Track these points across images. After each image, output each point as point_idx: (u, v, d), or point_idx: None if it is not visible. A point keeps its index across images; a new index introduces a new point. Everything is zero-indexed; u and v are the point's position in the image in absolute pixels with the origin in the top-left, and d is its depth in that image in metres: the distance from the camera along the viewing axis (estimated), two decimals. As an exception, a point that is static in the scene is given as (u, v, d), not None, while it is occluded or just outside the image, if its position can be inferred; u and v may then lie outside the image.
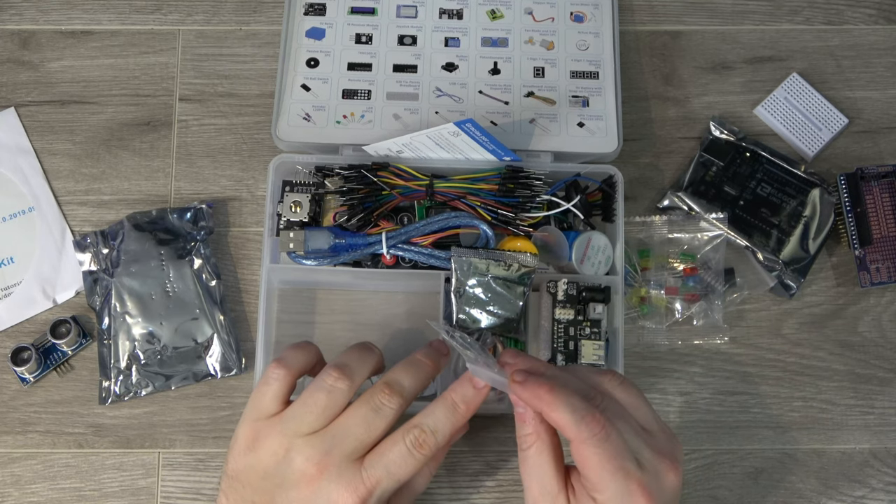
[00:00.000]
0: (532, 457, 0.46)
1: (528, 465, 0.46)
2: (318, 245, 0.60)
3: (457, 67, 0.68)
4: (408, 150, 0.62)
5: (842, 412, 0.63)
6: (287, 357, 0.50)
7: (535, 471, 0.46)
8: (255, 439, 0.47)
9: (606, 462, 0.43)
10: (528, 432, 0.46)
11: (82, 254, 0.64)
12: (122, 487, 0.61)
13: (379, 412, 0.46)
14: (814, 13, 0.72)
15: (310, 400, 0.47)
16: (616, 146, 0.65)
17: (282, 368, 0.49)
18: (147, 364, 0.61)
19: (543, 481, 0.46)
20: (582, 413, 0.44)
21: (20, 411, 0.62)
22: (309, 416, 0.47)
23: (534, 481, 0.46)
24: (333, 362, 0.49)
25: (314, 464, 0.45)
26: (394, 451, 0.46)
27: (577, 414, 0.44)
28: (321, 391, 0.47)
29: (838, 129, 0.68)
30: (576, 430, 0.44)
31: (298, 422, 0.47)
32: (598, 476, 0.43)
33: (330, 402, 0.47)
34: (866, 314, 0.65)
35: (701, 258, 0.63)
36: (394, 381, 0.48)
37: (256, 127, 0.68)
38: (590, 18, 0.70)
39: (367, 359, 0.50)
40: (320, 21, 0.70)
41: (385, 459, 0.46)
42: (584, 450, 0.44)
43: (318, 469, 0.45)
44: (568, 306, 0.59)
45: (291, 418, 0.47)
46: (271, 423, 0.47)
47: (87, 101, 0.69)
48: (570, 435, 0.44)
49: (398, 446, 0.46)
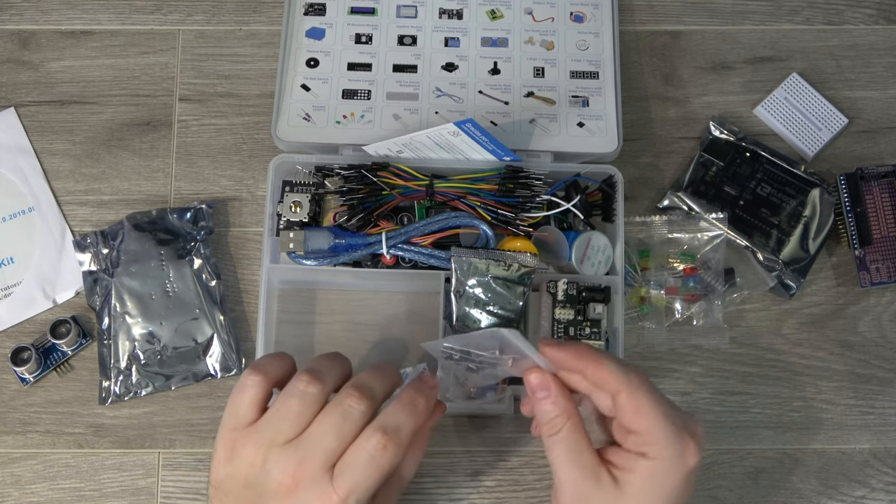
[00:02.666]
0: (565, 438, 0.46)
1: (561, 449, 0.46)
2: (318, 245, 0.60)
3: (457, 67, 0.68)
4: (408, 150, 0.62)
5: (842, 412, 0.63)
6: (262, 364, 0.49)
7: (572, 452, 0.46)
8: (232, 449, 0.47)
9: (659, 408, 0.45)
10: (556, 414, 0.46)
11: (82, 254, 0.64)
12: (122, 487, 0.61)
13: (348, 417, 0.46)
14: (814, 13, 0.72)
15: (283, 407, 0.47)
16: (616, 146, 0.65)
17: (258, 375, 0.48)
18: (147, 364, 0.61)
19: (582, 460, 0.46)
20: (626, 366, 0.46)
21: (20, 411, 0.62)
22: (283, 422, 0.46)
23: (570, 465, 0.46)
24: (304, 368, 0.49)
25: (289, 475, 0.45)
26: (360, 459, 0.46)
27: (622, 365, 0.46)
28: (293, 397, 0.47)
29: (838, 129, 0.68)
30: (626, 379, 0.45)
31: (273, 430, 0.46)
32: (653, 424, 0.44)
33: (303, 407, 0.46)
34: (866, 314, 0.65)
35: (701, 258, 0.63)
36: (361, 384, 0.47)
37: (256, 127, 0.68)
38: (590, 18, 0.70)
39: (336, 364, 0.50)
40: (320, 21, 0.70)
41: (351, 468, 0.45)
42: (637, 398, 0.45)
43: (294, 480, 0.45)
44: (568, 306, 0.59)
45: (266, 427, 0.47)
46: (248, 432, 0.47)
47: (87, 101, 0.69)
48: (619, 385, 0.45)
49: (361, 453, 0.46)
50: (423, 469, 0.61)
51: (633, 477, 0.45)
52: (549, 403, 0.47)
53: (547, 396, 0.47)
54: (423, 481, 0.61)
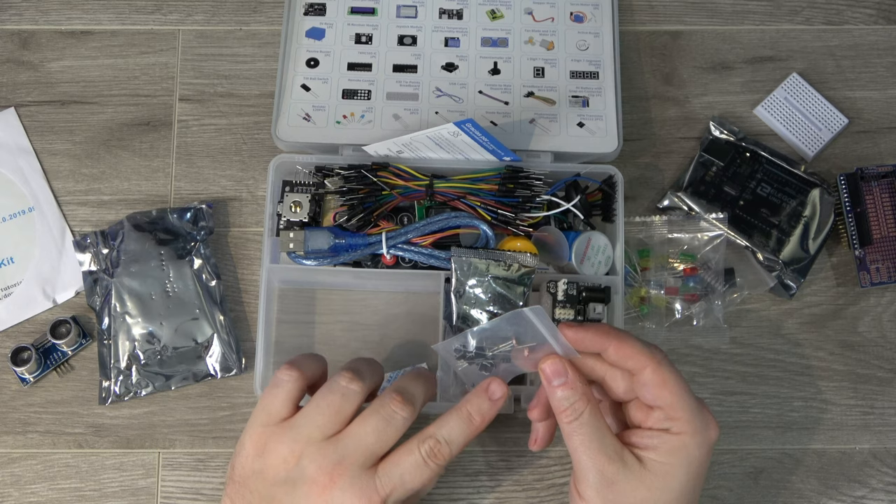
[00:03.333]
0: (587, 423, 0.46)
1: (584, 433, 0.46)
2: (318, 245, 0.60)
3: (457, 67, 0.68)
4: (408, 151, 0.62)
5: (842, 412, 0.63)
6: (298, 361, 0.50)
7: (595, 436, 0.46)
8: (264, 445, 0.47)
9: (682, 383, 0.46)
10: (575, 399, 0.46)
11: (82, 254, 0.64)
12: (122, 487, 0.61)
13: (391, 421, 0.46)
14: (814, 13, 0.72)
15: (322, 402, 0.47)
16: (616, 146, 0.65)
17: (294, 371, 0.48)
18: (147, 364, 0.61)
19: (606, 444, 0.46)
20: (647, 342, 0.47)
21: (20, 411, 0.62)
22: (321, 418, 0.46)
23: (594, 449, 0.45)
24: (345, 367, 0.49)
25: (326, 473, 0.45)
26: (408, 461, 0.46)
27: (645, 342, 0.47)
28: (334, 393, 0.47)
29: (838, 129, 0.68)
30: (650, 354, 0.46)
31: (311, 426, 0.46)
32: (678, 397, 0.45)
33: (344, 404, 0.46)
34: (866, 314, 0.65)
35: (701, 258, 0.63)
36: (404, 390, 0.47)
37: (256, 127, 0.68)
38: (590, 18, 0.70)
39: (374, 367, 0.50)
40: (320, 21, 0.70)
41: (399, 469, 0.46)
42: (662, 371, 0.45)
43: (330, 478, 0.45)
44: (568, 306, 0.59)
45: (304, 422, 0.47)
46: (282, 428, 0.47)
47: (87, 101, 0.69)
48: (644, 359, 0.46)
49: (413, 456, 0.46)
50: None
51: (658, 454, 0.45)
52: (568, 388, 0.47)
53: (564, 382, 0.47)
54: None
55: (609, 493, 0.45)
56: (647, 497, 0.45)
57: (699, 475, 0.46)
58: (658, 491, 0.45)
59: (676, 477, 0.45)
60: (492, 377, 0.49)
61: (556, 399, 0.47)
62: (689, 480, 0.46)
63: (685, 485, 0.45)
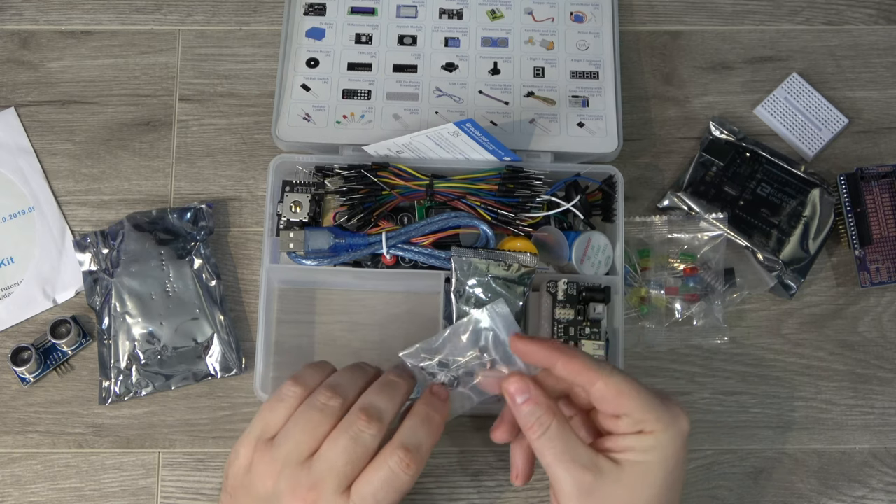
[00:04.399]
0: (556, 436, 0.46)
1: (554, 447, 0.46)
2: (318, 245, 0.60)
3: (457, 67, 0.68)
4: (408, 151, 0.62)
5: (842, 412, 0.63)
6: (305, 376, 0.49)
7: (566, 448, 0.46)
8: (251, 462, 0.47)
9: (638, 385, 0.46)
10: (540, 413, 0.46)
11: (82, 254, 0.64)
12: (122, 487, 0.61)
13: (358, 441, 0.46)
14: (814, 13, 0.72)
15: (301, 419, 0.47)
16: (616, 146, 0.65)
17: (299, 387, 0.48)
18: (147, 364, 0.61)
19: (578, 454, 0.45)
20: (594, 358, 0.47)
21: (20, 411, 0.62)
22: (301, 434, 0.46)
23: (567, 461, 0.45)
24: (325, 382, 0.49)
25: (300, 498, 0.45)
26: (379, 477, 0.45)
27: (590, 358, 0.47)
28: (314, 409, 0.47)
29: (838, 129, 0.68)
30: (597, 367, 0.46)
31: (289, 445, 0.46)
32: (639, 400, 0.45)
33: (322, 420, 0.46)
34: (866, 314, 0.65)
35: (701, 258, 0.63)
36: (370, 407, 0.47)
37: (256, 127, 0.68)
38: (590, 18, 0.70)
39: (359, 377, 0.50)
40: (320, 21, 0.70)
41: (372, 487, 0.45)
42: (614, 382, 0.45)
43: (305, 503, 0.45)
44: (568, 306, 0.59)
45: (283, 441, 0.46)
46: (268, 445, 0.47)
47: (87, 101, 0.69)
48: (592, 374, 0.46)
49: (383, 471, 0.46)
50: (424, 469, 0.60)
51: (635, 454, 0.45)
52: (532, 404, 0.47)
53: (528, 398, 0.47)
54: (424, 481, 0.61)
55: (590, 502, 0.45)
56: (629, 498, 0.45)
57: (677, 468, 0.46)
58: (638, 490, 0.45)
59: (655, 474, 0.45)
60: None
61: (522, 416, 0.47)
62: (668, 475, 0.46)
63: (664, 480, 0.45)
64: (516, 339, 0.49)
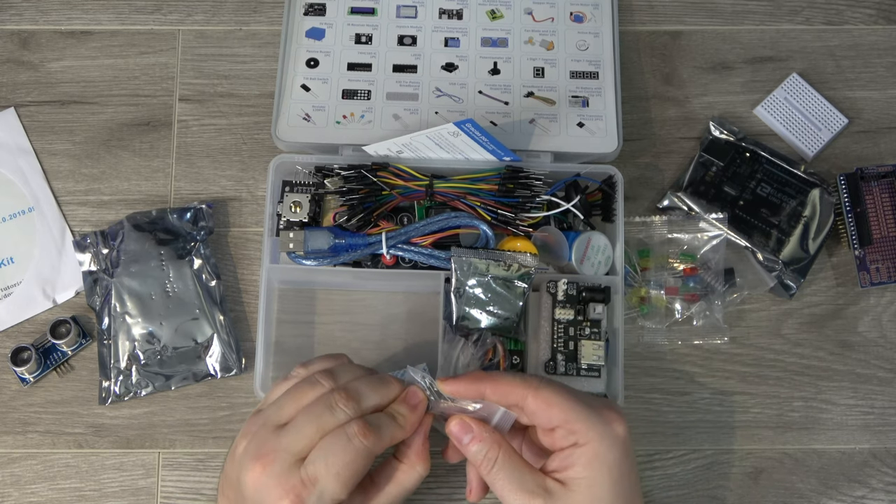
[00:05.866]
0: (503, 467, 0.47)
1: (503, 478, 0.47)
2: (317, 245, 0.60)
3: (457, 67, 0.68)
4: (407, 151, 0.62)
5: (842, 412, 0.63)
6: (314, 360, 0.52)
7: (513, 477, 0.47)
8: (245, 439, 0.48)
9: (567, 395, 0.46)
10: (486, 448, 0.47)
11: (82, 254, 0.64)
12: (122, 487, 0.61)
13: (332, 410, 0.46)
14: (814, 13, 0.72)
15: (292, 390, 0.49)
16: (616, 146, 0.65)
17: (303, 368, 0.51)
18: (147, 364, 0.61)
19: (525, 481, 0.46)
20: (521, 375, 0.48)
21: (20, 411, 0.62)
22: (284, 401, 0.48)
23: (516, 489, 0.46)
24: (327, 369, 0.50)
25: (258, 459, 0.46)
26: (334, 443, 0.45)
27: (519, 375, 0.48)
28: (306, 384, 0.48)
29: (838, 129, 0.68)
30: (525, 383, 0.47)
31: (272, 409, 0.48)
32: (568, 410, 0.46)
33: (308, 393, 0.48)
34: (866, 314, 0.65)
35: (701, 258, 0.63)
36: (353, 388, 0.48)
37: (256, 127, 0.68)
38: (590, 18, 0.70)
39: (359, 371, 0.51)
40: (320, 21, 0.70)
41: (324, 451, 0.45)
42: (542, 394, 0.46)
43: (262, 465, 0.46)
44: (568, 306, 0.59)
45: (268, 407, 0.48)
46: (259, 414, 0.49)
47: (87, 101, 0.69)
48: (521, 389, 0.47)
49: (338, 437, 0.46)
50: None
51: (576, 470, 0.46)
52: (477, 442, 0.48)
53: (473, 437, 0.48)
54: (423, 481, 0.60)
55: None
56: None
57: (623, 474, 0.46)
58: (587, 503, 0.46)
59: (601, 485, 0.45)
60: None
61: (470, 455, 0.48)
62: (615, 483, 0.46)
63: (612, 489, 0.46)
64: (442, 382, 0.50)
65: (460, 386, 0.49)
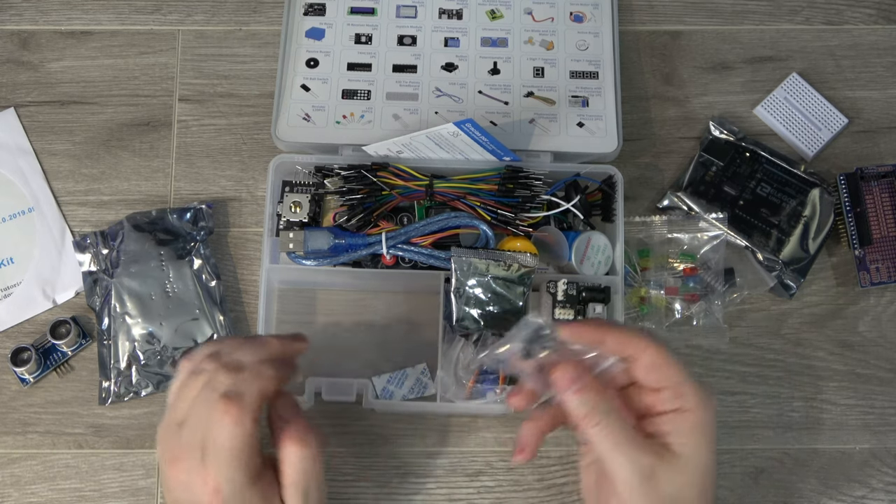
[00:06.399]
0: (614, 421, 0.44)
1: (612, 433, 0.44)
2: (317, 245, 0.60)
3: (456, 67, 0.68)
4: (407, 151, 0.62)
5: (842, 412, 0.63)
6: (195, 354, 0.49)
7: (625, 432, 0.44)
8: None
9: (682, 361, 0.45)
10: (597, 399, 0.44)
11: (82, 254, 0.64)
12: (122, 488, 0.60)
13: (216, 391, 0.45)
14: (814, 13, 0.72)
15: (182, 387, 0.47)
16: (616, 146, 0.65)
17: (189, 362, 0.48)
18: (147, 364, 0.61)
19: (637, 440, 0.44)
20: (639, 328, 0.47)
21: (20, 412, 0.62)
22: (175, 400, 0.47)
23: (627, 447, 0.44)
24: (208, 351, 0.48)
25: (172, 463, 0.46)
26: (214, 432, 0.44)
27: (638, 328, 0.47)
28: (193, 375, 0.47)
29: (838, 129, 0.68)
30: (648, 338, 0.45)
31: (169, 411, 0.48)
32: (683, 374, 0.45)
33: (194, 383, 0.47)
34: (866, 314, 0.65)
35: (701, 258, 0.63)
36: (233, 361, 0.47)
37: (256, 127, 0.68)
38: (590, 18, 0.70)
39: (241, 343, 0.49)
40: (320, 21, 0.70)
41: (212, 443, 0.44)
42: (663, 353, 0.45)
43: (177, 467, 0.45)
44: (568, 306, 0.59)
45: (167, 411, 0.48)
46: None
47: (87, 102, 0.69)
48: (642, 344, 0.45)
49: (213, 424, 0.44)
50: (423, 469, 0.61)
51: (680, 436, 0.45)
52: (585, 392, 0.45)
53: (582, 386, 0.45)
54: (424, 481, 0.61)
55: (650, 488, 0.44)
56: (686, 481, 0.44)
57: (715, 446, 0.46)
58: (692, 472, 0.45)
59: (702, 453, 0.45)
60: None
61: (574, 406, 0.45)
62: (712, 453, 0.45)
63: (710, 458, 0.45)
64: (562, 325, 0.47)
65: (583, 330, 0.47)
